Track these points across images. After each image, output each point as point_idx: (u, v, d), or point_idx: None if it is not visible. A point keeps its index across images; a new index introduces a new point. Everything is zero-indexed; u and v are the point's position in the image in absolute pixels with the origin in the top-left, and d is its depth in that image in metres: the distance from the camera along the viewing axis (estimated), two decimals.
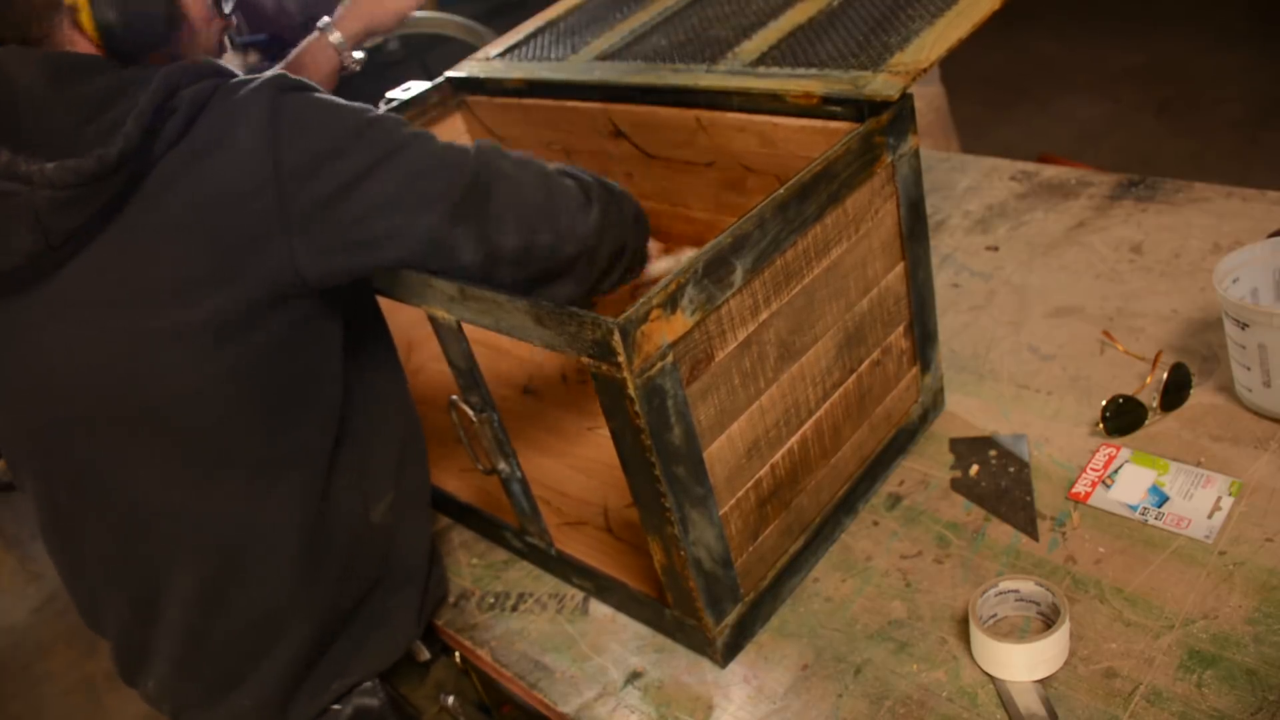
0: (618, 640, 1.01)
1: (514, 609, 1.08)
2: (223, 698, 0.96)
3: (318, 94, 0.84)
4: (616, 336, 0.73)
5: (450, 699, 1.12)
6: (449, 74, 1.39)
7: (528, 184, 0.88)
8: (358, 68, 1.23)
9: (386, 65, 2.99)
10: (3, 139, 0.76)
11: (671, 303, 0.77)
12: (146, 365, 0.82)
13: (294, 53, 1.19)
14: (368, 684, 1.01)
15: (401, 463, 1.01)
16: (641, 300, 0.75)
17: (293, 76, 0.84)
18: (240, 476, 0.88)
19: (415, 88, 1.39)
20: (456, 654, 1.11)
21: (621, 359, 0.74)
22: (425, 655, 1.12)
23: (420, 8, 1.26)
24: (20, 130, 0.77)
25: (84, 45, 0.82)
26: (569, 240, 0.88)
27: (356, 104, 0.86)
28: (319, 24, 1.20)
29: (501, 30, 1.49)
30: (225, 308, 0.81)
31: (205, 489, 0.87)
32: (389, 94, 1.40)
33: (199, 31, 0.91)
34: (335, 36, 1.18)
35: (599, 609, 1.05)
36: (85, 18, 0.80)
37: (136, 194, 0.79)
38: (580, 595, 1.07)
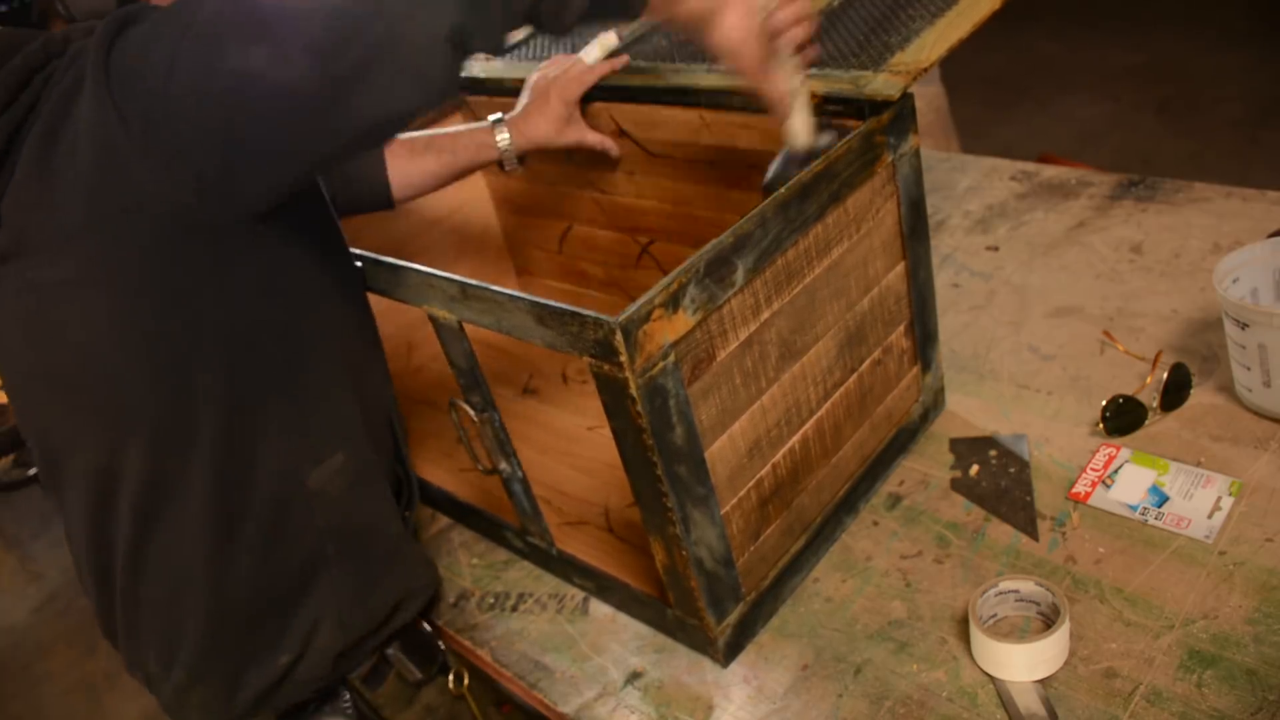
0: (618, 640, 1.01)
1: (514, 609, 1.08)
2: (167, 671, 0.93)
3: (150, 19, 0.76)
4: (619, 336, 0.73)
5: None
6: None
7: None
8: (511, 169, 1.21)
9: None
10: None
11: (673, 302, 0.77)
12: (47, 320, 0.81)
13: (459, 129, 1.16)
14: (344, 703, 0.98)
15: (359, 425, 0.95)
16: (643, 300, 0.75)
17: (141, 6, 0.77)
18: (144, 433, 0.84)
19: None
20: (451, 677, 1.07)
21: (623, 359, 0.74)
22: (416, 675, 1.05)
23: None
24: None
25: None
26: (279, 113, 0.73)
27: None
28: (491, 117, 1.16)
29: None
30: (102, 249, 0.77)
31: (116, 448, 0.85)
32: None
33: None
34: (503, 139, 1.15)
35: (599, 609, 1.05)
36: None
37: (23, 140, 0.76)
38: (580, 595, 1.07)
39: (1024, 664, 0.84)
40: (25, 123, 0.77)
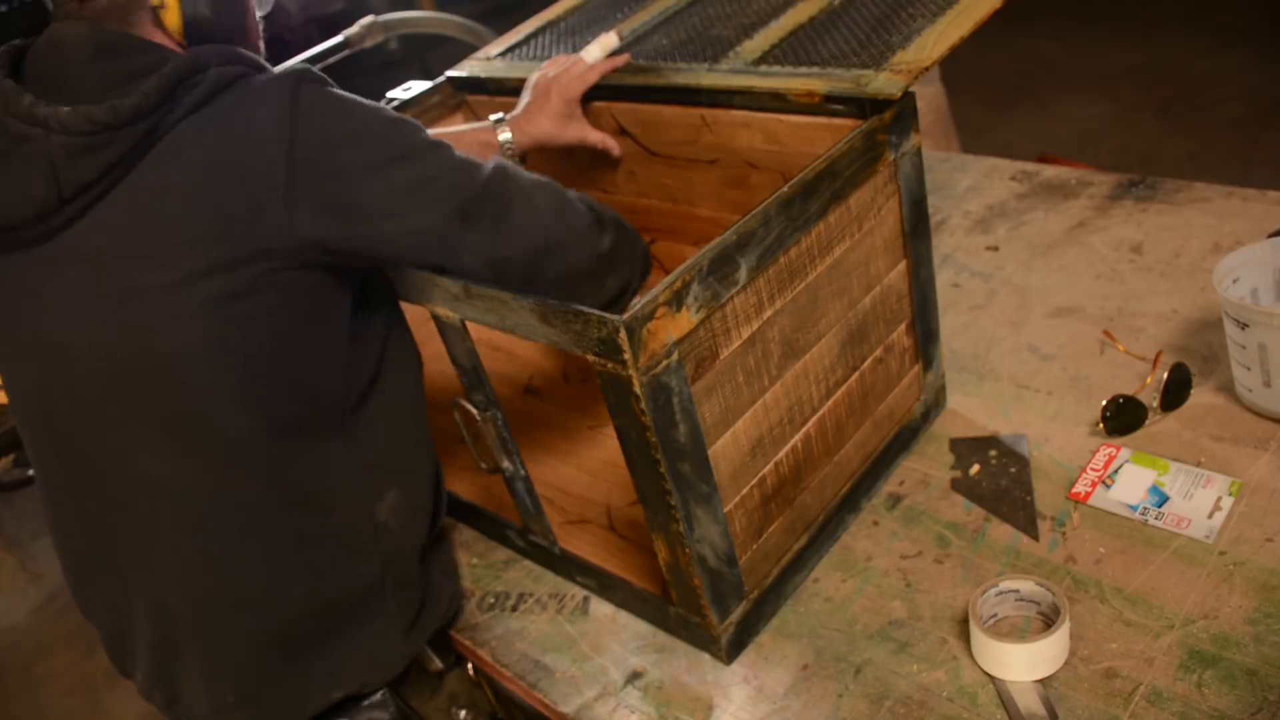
0: (618, 640, 1.01)
1: (514, 609, 1.08)
2: (205, 690, 0.93)
3: (340, 91, 0.85)
4: (623, 334, 0.74)
5: (463, 713, 1.09)
6: (450, 74, 1.39)
7: (540, 202, 0.89)
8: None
9: (387, 65, 2.99)
10: (35, 91, 0.79)
11: (677, 300, 0.77)
12: (135, 323, 0.82)
13: (462, 128, 1.17)
14: (378, 695, 0.99)
15: (409, 466, 0.99)
16: (647, 298, 0.75)
17: (316, 70, 0.85)
18: (218, 453, 0.86)
19: (416, 87, 1.39)
20: (470, 665, 1.08)
21: (627, 357, 0.75)
22: (437, 665, 1.08)
23: (422, 8, 1.24)
24: (54, 90, 0.80)
25: (159, 39, 0.85)
26: (576, 260, 0.89)
27: (380, 105, 0.87)
28: (493, 116, 1.17)
29: (502, 30, 1.49)
30: (217, 270, 0.80)
31: (182, 463, 0.86)
32: (389, 94, 1.40)
33: (251, 29, 0.94)
34: (505, 137, 1.15)
35: (599, 609, 1.05)
36: (172, 15, 0.84)
37: (149, 154, 0.80)
38: (580, 595, 1.07)
39: (1024, 664, 0.84)
40: (159, 125, 0.80)
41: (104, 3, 0.83)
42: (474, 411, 0.98)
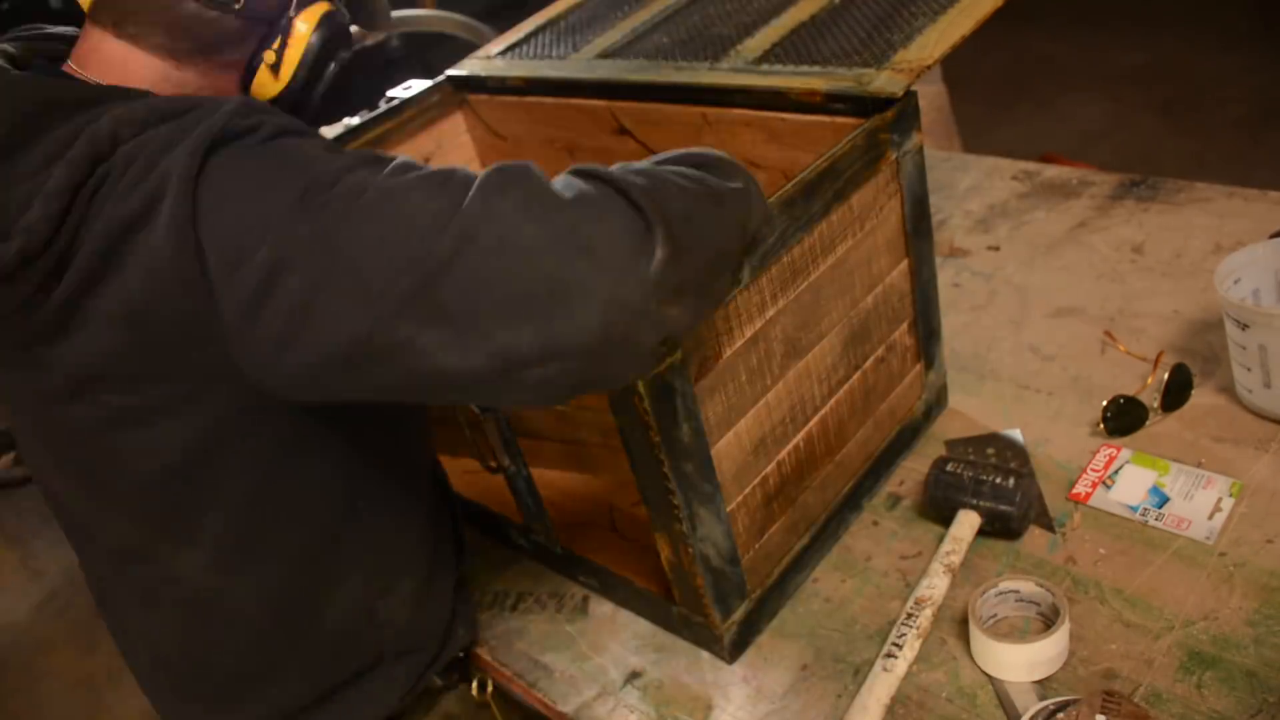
0: (617, 640, 1.01)
1: (513, 608, 1.08)
2: None
3: (260, 144, 0.68)
4: None
5: None
6: (450, 72, 1.39)
7: (535, 249, 0.61)
8: None
9: (387, 63, 2.99)
10: None
11: None
12: (102, 454, 0.77)
13: None
14: None
15: (429, 546, 0.93)
16: None
17: (246, 109, 0.68)
18: (206, 555, 0.81)
19: (416, 86, 1.39)
20: (474, 683, 1.04)
21: None
22: (437, 684, 1.02)
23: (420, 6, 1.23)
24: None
25: (189, 79, 0.75)
26: (615, 315, 0.61)
27: (305, 152, 0.68)
28: None
29: (502, 29, 1.48)
30: (190, 430, 0.73)
31: (168, 556, 0.82)
32: (390, 93, 1.40)
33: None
34: None
35: (599, 608, 1.05)
36: (271, 82, 0.77)
37: (70, 269, 0.67)
38: (580, 594, 1.07)
39: (1024, 664, 0.84)
40: (76, 238, 0.67)
41: None
42: (475, 411, 0.98)
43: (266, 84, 0.80)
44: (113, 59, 0.75)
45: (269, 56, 0.78)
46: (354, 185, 0.65)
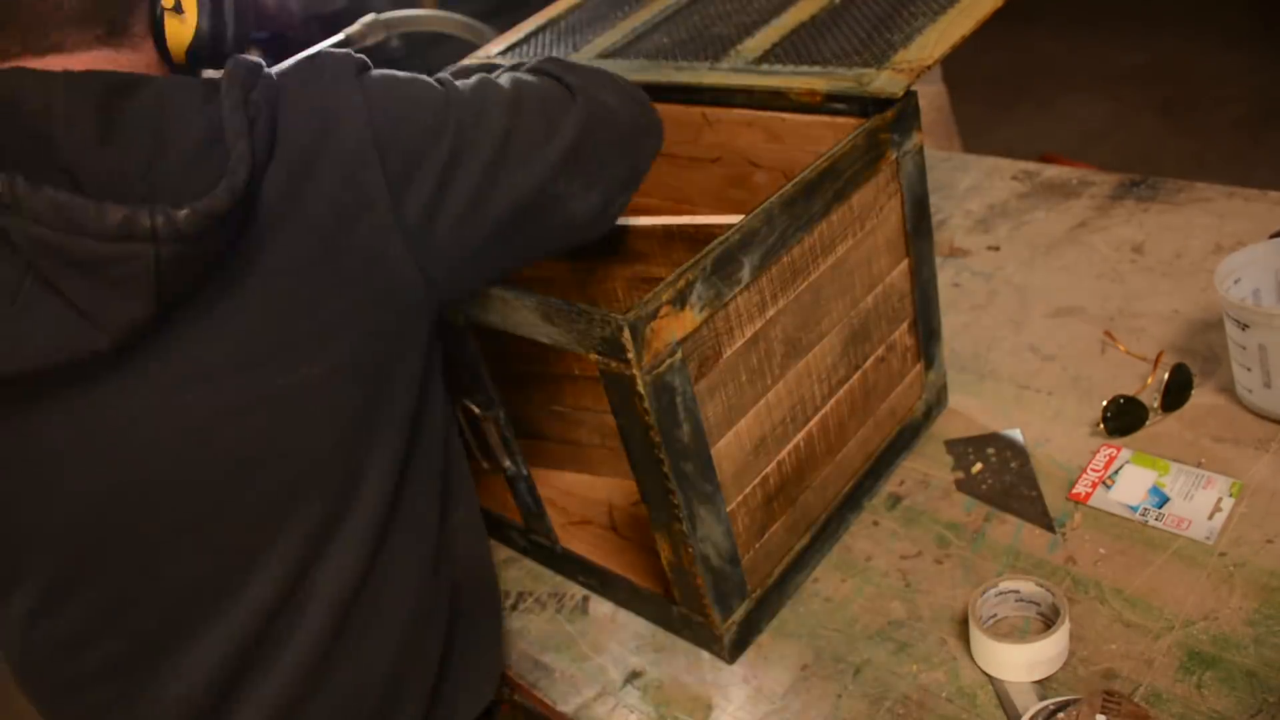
0: (617, 640, 1.01)
1: (513, 608, 1.08)
2: None
3: (389, 73, 0.76)
4: (626, 333, 0.73)
5: None
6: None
7: (621, 111, 0.84)
8: None
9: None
10: (103, 191, 0.62)
11: (680, 299, 0.77)
12: (256, 429, 0.70)
13: None
14: None
15: (467, 482, 0.92)
16: (650, 297, 0.75)
17: (349, 53, 0.74)
18: (357, 531, 0.76)
19: None
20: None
21: (631, 356, 0.75)
22: None
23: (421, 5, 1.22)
24: (79, 173, 0.62)
25: (129, 60, 0.69)
26: (660, 134, 0.90)
27: (425, 77, 0.79)
28: None
29: (503, 29, 1.48)
30: (362, 349, 0.72)
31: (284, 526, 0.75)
32: None
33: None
34: None
35: (598, 608, 1.05)
36: (180, 25, 0.70)
37: (241, 232, 0.66)
38: (580, 594, 1.07)
39: (1024, 664, 0.84)
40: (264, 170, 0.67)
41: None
42: (476, 410, 0.98)
43: (178, 31, 0.72)
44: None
45: (166, 1, 0.72)
46: (480, 82, 0.80)
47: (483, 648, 0.92)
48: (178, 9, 0.72)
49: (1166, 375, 1.06)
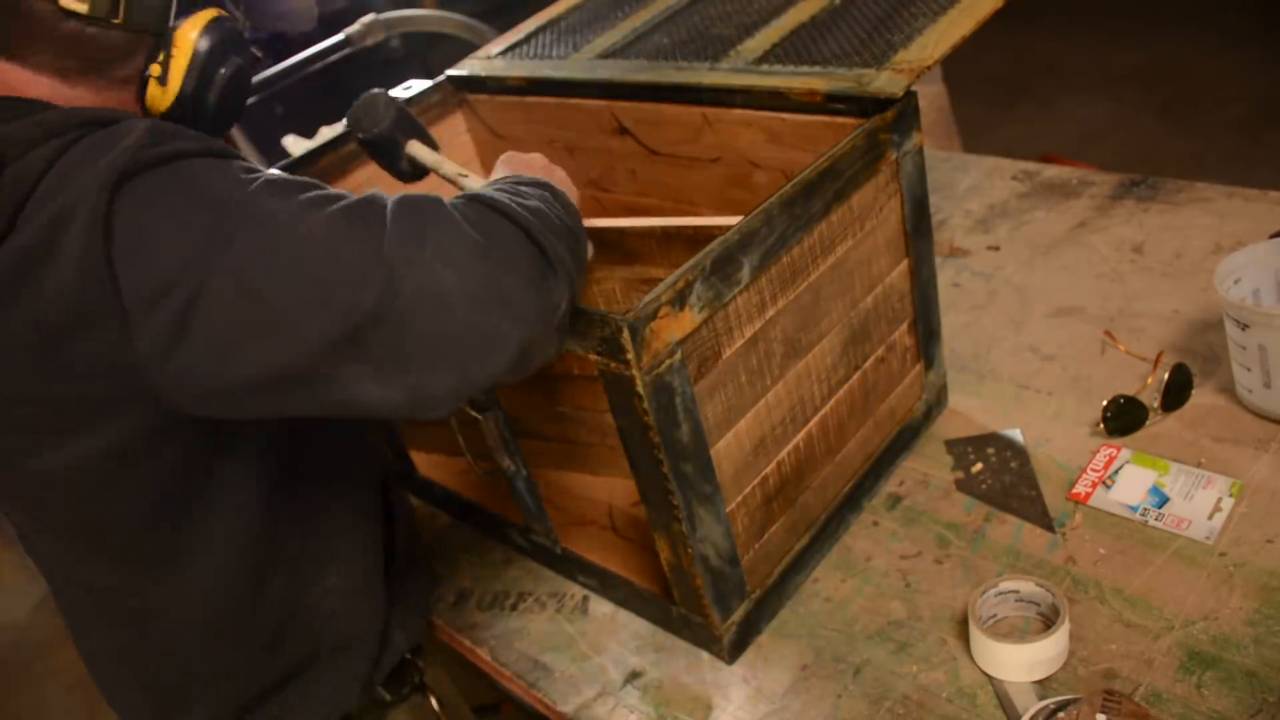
0: (617, 640, 1.01)
1: (513, 608, 1.08)
2: None
3: (176, 173, 0.67)
4: (626, 334, 0.73)
5: None
6: (450, 72, 1.39)
7: (457, 301, 0.65)
8: None
9: (388, 63, 2.98)
10: None
11: (680, 300, 0.77)
12: (26, 497, 0.79)
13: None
14: None
15: (348, 545, 0.93)
16: (650, 297, 0.75)
17: (156, 134, 0.67)
18: (140, 565, 0.82)
19: (416, 86, 1.39)
20: (434, 700, 1.03)
21: (630, 356, 0.75)
22: (385, 698, 1.00)
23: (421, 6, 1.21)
24: None
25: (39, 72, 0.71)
26: (524, 352, 0.69)
27: (217, 181, 0.67)
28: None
29: (502, 29, 1.48)
30: (104, 444, 0.71)
31: (103, 573, 0.84)
32: (390, 92, 1.40)
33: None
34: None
35: (598, 608, 1.05)
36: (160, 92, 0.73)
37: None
38: (580, 595, 1.07)
39: (1024, 664, 0.84)
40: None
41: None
42: (472, 413, 0.98)
43: (156, 97, 0.76)
44: (2, 79, 0.72)
45: (154, 69, 0.75)
46: (270, 218, 0.66)
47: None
48: (163, 79, 0.75)
49: (1166, 375, 1.06)
